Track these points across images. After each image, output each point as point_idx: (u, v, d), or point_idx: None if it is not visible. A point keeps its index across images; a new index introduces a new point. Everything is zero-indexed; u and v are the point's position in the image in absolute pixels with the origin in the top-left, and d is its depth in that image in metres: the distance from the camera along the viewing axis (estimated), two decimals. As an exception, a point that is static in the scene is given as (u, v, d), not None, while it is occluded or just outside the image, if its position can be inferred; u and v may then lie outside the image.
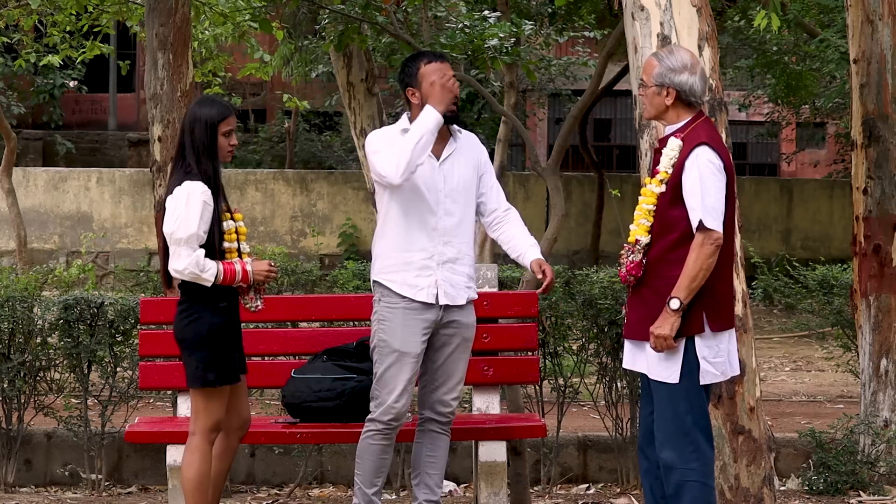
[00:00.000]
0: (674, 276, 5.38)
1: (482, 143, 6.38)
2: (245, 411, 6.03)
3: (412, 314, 5.95)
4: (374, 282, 6.05)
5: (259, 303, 5.95)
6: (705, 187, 5.36)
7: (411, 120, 6.03)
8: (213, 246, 5.77)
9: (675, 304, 5.33)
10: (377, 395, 5.99)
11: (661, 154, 5.54)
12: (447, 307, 6.01)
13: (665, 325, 5.34)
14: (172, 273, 5.78)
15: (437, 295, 5.97)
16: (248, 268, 5.83)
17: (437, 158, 6.03)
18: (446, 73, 6.01)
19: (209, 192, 5.75)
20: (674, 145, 5.46)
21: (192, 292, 5.83)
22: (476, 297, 6.16)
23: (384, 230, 6.04)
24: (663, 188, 5.44)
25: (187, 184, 5.74)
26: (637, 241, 5.47)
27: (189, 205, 5.71)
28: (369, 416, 6.02)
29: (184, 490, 5.86)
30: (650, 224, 5.46)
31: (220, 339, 5.81)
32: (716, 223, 5.35)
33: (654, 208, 5.46)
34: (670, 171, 5.43)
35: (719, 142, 5.50)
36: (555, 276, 6.22)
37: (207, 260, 5.74)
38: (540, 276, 6.11)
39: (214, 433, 5.87)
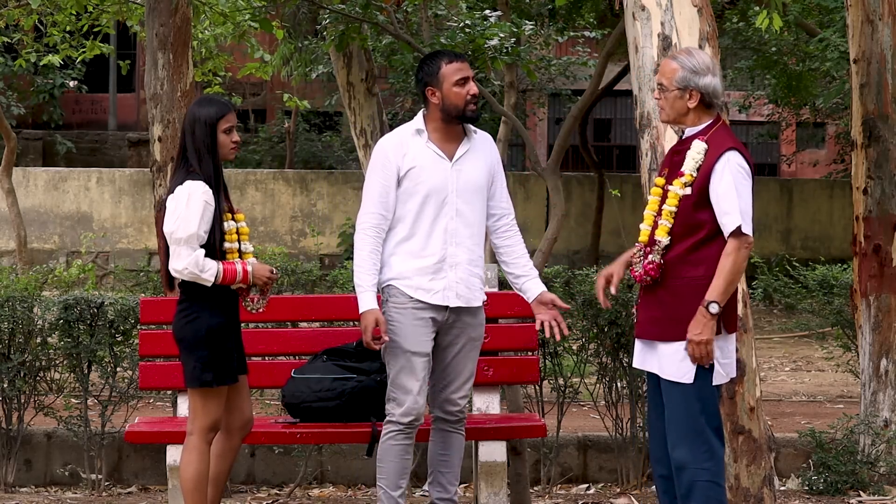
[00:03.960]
0: (693, 276, 5.37)
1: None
2: (247, 411, 6.03)
3: (421, 313, 5.93)
4: (385, 286, 5.99)
5: (261, 305, 5.95)
6: (739, 192, 5.36)
7: (426, 119, 6.02)
8: (214, 246, 5.77)
9: (714, 308, 5.31)
10: (395, 396, 5.96)
11: (678, 155, 5.50)
12: (455, 309, 5.99)
13: (706, 330, 5.32)
14: (172, 272, 5.78)
15: (450, 297, 5.95)
16: (249, 268, 5.84)
17: (450, 159, 6.00)
18: (464, 73, 5.98)
19: (210, 191, 5.75)
20: (699, 148, 5.43)
21: (191, 292, 5.83)
22: (486, 298, 6.15)
23: (395, 235, 5.98)
24: (688, 191, 5.41)
25: (188, 183, 5.75)
26: (657, 242, 5.44)
27: (190, 204, 5.71)
28: (388, 419, 5.98)
29: (182, 490, 5.87)
30: (671, 226, 5.45)
31: (219, 339, 5.81)
32: (750, 228, 5.37)
33: (676, 210, 5.44)
34: (695, 174, 5.41)
35: (743, 147, 5.49)
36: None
37: (208, 260, 5.74)
38: (546, 316, 6.11)
39: (212, 433, 5.87)
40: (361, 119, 12.83)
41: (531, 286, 6.16)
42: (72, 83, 27.13)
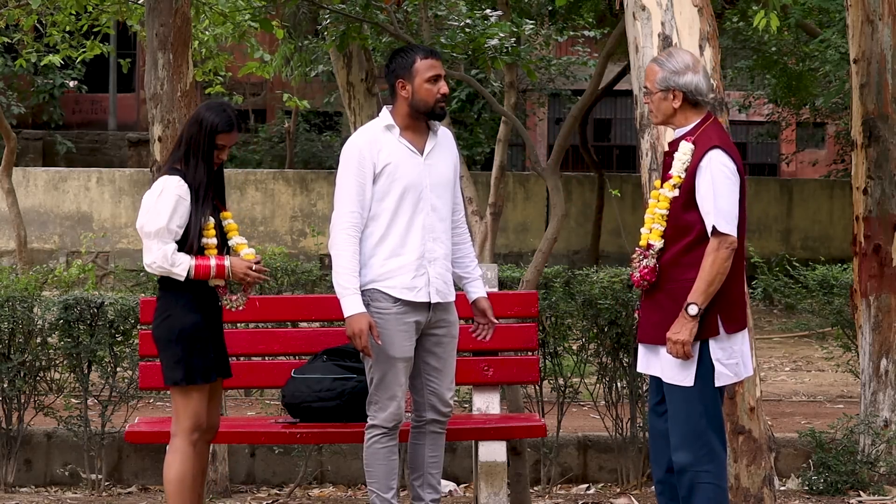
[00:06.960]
0: (687, 279, 5.37)
1: (482, 143, 6.35)
2: (213, 416, 5.92)
3: (404, 318, 5.88)
4: (365, 290, 5.89)
5: (240, 303, 5.89)
6: (718, 191, 5.34)
7: (393, 114, 5.96)
8: (191, 241, 5.72)
9: (693, 309, 5.31)
10: (377, 400, 5.92)
11: (672, 158, 5.51)
12: (436, 306, 5.96)
13: (683, 330, 5.32)
14: (145, 267, 5.76)
15: (432, 293, 5.91)
16: (226, 263, 5.78)
17: (422, 153, 5.96)
18: (437, 71, 5.94)
19: (185, 186, 5.69)
20: (685, 149, 5.42)
21: (168, 290, 5.79)
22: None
23: (371, 235, 5.90)
24: (676, 192, 5.41)
25: (163, 178, 5.73)
26: (650, 245, 5.45)
27: (161, 199, 5.68)
28: (372, 423, 5.95)
29: (166, 491, 5.80)
30: (663, 228, 5.45)
31: (193, 337, 5.75)
32: (730, 227, 5.33)
33: (668, 213, 5.44)
34: (683, 175, 5.41)
35: (731, 144, 5.47)
36: (494, 322, 6.17)
37: (179, 254, 5.69)
38: (482, 321, 6.11)
39: (195, 433, 5.78)
40: (361, 119, 12.83)
41: (471, 289, 6.16)
42: (72, 83, 27.13)
